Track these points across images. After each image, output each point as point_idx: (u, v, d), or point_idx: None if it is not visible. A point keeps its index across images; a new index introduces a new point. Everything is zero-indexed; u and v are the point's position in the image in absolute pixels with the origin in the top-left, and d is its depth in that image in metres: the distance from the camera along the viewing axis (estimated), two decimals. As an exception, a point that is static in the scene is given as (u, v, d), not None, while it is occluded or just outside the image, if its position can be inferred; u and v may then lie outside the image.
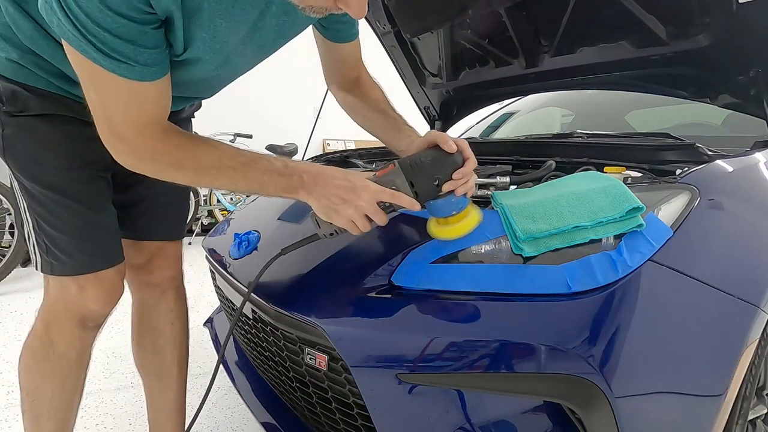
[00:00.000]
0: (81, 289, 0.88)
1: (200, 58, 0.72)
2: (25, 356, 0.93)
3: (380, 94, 1.01)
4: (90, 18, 0.56)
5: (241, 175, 0.71)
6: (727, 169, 0.90)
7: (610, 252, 0.70)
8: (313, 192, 0.72)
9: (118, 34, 0.59)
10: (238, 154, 0.72)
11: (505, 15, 1.54)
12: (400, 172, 0.71)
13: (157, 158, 0.70)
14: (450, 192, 0.72)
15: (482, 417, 0.70)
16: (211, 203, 4.39)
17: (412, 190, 0.71)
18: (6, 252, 2.71)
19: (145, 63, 0.63)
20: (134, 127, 0.67)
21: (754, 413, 0.92)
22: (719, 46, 1.19)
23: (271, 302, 0.86)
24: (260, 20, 0.73)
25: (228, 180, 0.71)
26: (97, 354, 1.59)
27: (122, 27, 0.58)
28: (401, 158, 0.74)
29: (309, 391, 0.89)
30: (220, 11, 0.65)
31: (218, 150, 0.72)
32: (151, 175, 0.72)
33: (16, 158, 0.82)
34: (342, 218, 0.72)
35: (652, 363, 0.68)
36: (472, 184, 0.74)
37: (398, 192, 0.71)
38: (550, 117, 2.36)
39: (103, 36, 0.58)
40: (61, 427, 0.96)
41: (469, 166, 0.72)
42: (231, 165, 0.71)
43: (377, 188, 0.70)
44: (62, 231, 0.84)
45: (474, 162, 0.73)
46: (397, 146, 0.93)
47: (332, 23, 0.92)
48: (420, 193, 0.72)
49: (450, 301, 0.73)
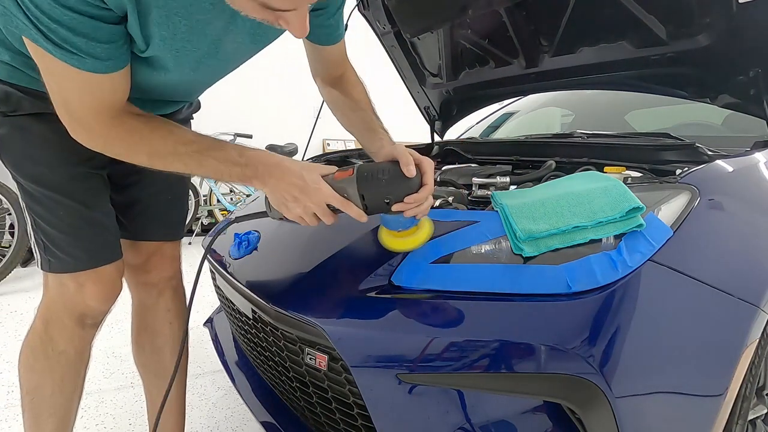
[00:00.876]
0: (79, 287, 0.88)
1: (164, 58, 0.72)
2: (24, 354, 0.94)
3: (362, 93, 1.00)
4: (40, 10, 0.57)
5: (197, 162, 0.72)
6: (727, 169, 0.90)
7: (610, 252, 0.70)
8: (267, 183, 0.73)
9: (70, 27, 0.60)
10: (195, 141, 0.73)
11: (505, 15, 1.54)
12: (354, 183, 0.70)
13: (112, 142, 0.72)
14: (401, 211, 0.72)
15: (482, 417, 0.70)
16: (211, 203, 4.39)
17: (362, 202, 0.71)
18: (6, 252, 2.71)
19: (99, 56, 0.64)
20: (90, 113, 0.69)
21: (754, 413, 0.92)
22: (719, 46, 1.19)
23: (271, 302, 0.86)
24: (232, 23, 0.73)
25: (183, 165, 0.73)
26: (97, 354, 1.59)
27: (73, 20, 0.59)
28: (362, 166, 0.73)
29: (309, 391, 0.89)
30: (177, 9, 0.65)
31: (174, 136, 0.73)
32: (111, 156, 0.74)
33: (12, 157, 0.84)
34: (291, 214, 0.74)
35: (652, 363, 0.68)
36: (426, 209, 0.73)
37: (348, 201, 0.71)
38: (550, 117, 2.36)
39: (54, 27, 0.59)
40: (60, 426, 0.96)
41: (424, 193, 0.71)
42: (186, 152, 0.72)
43: (328, 192, 0.71)
44: (59, 228, 0.85)
45: (430, 189, 0.72)
46: (370, 148, 0.91)
47: (315, 27, 0.90)
48: (370, 207, 0.72)
49: (450, 301, 0.73)
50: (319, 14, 0.86)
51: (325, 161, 1.62)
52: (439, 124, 2.18)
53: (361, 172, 0.71)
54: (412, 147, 1.94)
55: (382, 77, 3.42)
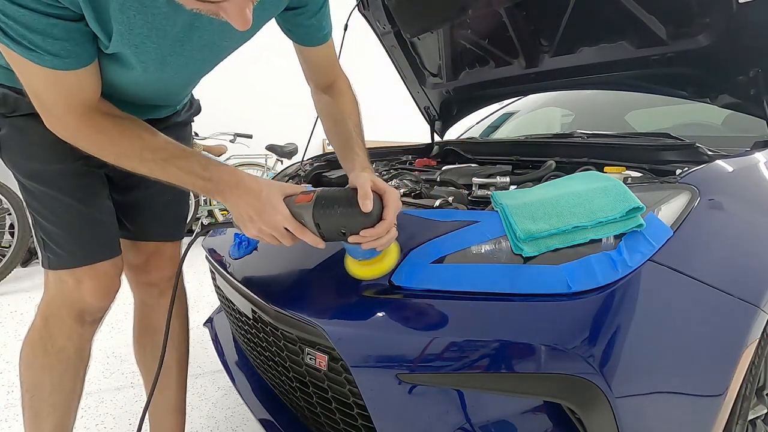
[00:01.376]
0: (78, 283, 0.89)
1: (126, 54, 0.73)
2: (24, 351, 0.94)
3: (348, 105, 0.96)
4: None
5: (161, 169, 0.73)
6: (727, 169, 0.90)
7: (610, 252, 0.70)
8: (227, 200, 0.74)
9: (26, 24, 0.60)
10: (163, 148, 0.74)
11: (505, 15, 1.54)
12: (311, 211, 0.69)
13: (81, 138, 0.74)
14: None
15: (482, 417, 0.70)
16: (211, 203, 4.39)
17: (318, 230, 0.70)
18: (6, 252, 2.71)
19: (57, 54, 0.64)
20: (59, 107, 0.71)
21: (754, 413, 0.92)
22: (719, 46, 1.19)
23: (271, 302, 0.86)
24: (197, 20, 0.73)
25: (148, 171, 0.74)
26: (97, 354, 1.59)
27: (27, 18, 0.60)
28: (322, 193, 0.71)
29: (309, 391, 0.89)
30: (131, 3, 0.65)
31: (142, 141, 0.74)
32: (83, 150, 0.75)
33: (12, 156, 0.86)
34: (248, 232, 0.74)
35: (652, 363, 0.68)
36: (386, 242, 0.71)
37: (304, 228, 0.71)
38: (550, 117, 2.36)
39: (11, 24, 0.60)
40: (60, 425, 0.96)
41: (380, 228, 0.68)
42: (152, 158, 0.73)
43: (285, 217, 0.70)
44: (56, 225, 0.87)
45: (389, 225, 0.69)
46: (343, 165, 0.90)
47: (295, 26, 0.89)
48: (326, 236, 0.71)
49: (450, 301, 0.73)
50: (298, 12, 0.85)
51: (325, 161, 1.62)
52: (439, 124, 2.18)
53: (319, 200, 0.70)
54: (412, 147, 1.95)
55: (382, 77, 3.42)
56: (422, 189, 1.13)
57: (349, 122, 0.92)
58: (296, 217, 0.71)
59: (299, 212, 0.70)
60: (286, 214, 0.70)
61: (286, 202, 0.71)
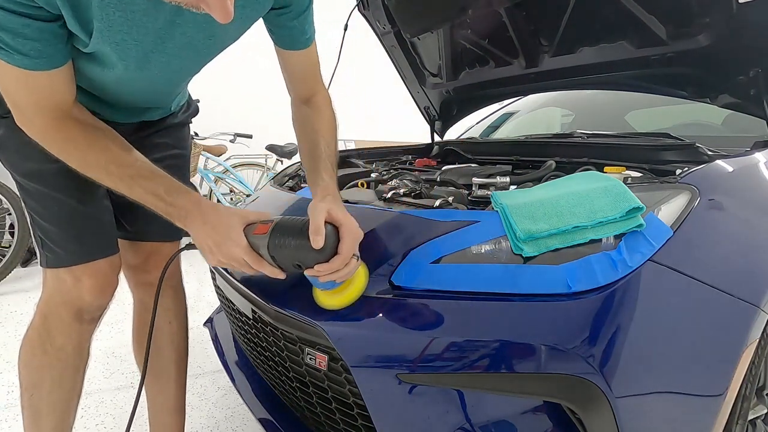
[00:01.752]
0: (76, 280, 0.89)
1: (106, 52, 0.72)
2: (23, 350, 0.94)
3: (325, 124, 0.92)
4: None
5: (126, 187, 0.74)
6: (727, 169, 0.90)
7: (610, 252, 0.70)
8: (189, 228, 0.74)
9: None
10: (130, 165, 0.74)
11: (505, 15, 1.54)
12: (266, 243, 0.69)
13: (48, 140, 0.74)
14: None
15: (482, 417, 0.70)
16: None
17: (274, 262, 0.71)
18: (6, 252, 2.71)
19: (28, 54, 0.64)
20: (30, 108, 0.70)
21: (754, 413, 0.92)
22: (719, 46, 1.19)
23: (271, 302, 0.86)
24: (178, 17, 0.72)
25: (113, 185, 0.74)
26: (97, 354, 1.60)
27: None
28: (280, 223, 0.71)
29: (309, 391, 0.89)
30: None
31: (110, 155, 0.74)
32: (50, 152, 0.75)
33: (9, 156, 0.87)
34: (209, 262, 0.75)
35: (652, 363, 0.68)
36: (344, 275, 0.70)
37: (262, 260, 0.71)
38: (550, 117, 2.36)
39: None
40: (59, 424, 0.97)
41: (335, 264, 0.68)
42: (117, 173, 0.73)
43: (243, 249, 0.70)
44: (53, 223, 0.87)
45: (344, 259, 0.68)
46: (310, 185, 0.88)
47: (277, 27, 0.87)
48: (283, 268, 0.71)
49: (450, 301, 0.73)
50: (281, 12, 0.84)
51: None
52: (439, 124, 2.18)
53: (274, 232, 0.69)
54: (412, 147, 1.95)
55: (382, 77, 3.42)
56: (422, 189, 1.13)
57: (321, 142, 0.89)
58: (254, 248, 0.71)
59: (256, 243, 0.71)
60: (244, 245, 0.70)
61: (246, 232, 0.71)
